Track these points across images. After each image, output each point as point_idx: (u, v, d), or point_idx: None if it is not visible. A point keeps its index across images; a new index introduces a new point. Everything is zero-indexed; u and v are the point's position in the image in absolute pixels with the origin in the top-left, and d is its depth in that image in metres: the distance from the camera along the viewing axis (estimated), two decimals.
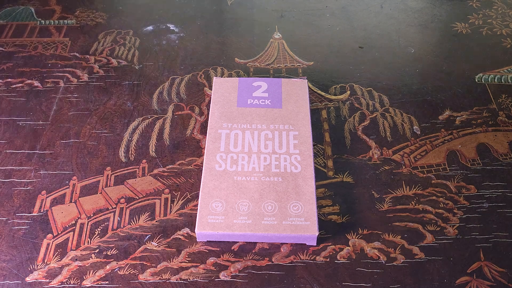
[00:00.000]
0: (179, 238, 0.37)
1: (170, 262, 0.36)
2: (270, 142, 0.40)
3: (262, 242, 0.37)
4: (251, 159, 0.39)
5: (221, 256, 0.36)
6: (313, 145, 0.44)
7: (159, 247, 0.37)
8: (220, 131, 0.41)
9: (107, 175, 0.42)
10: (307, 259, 0.36)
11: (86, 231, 0.38)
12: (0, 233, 0.38)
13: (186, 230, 0.38)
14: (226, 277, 0.35)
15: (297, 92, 0.44)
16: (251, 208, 0.36)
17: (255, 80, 0.46)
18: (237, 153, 0.39)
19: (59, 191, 0.41)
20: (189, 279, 0.35)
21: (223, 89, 0.45)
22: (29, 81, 0.51)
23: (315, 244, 0.37)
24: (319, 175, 0.41)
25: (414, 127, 0.46)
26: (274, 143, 0.40)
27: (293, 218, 0.35)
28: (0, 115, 0.47)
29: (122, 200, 0.40)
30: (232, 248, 0.37)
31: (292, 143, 0.40)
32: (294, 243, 0.37)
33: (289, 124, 0.42)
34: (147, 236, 0.37)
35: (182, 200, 0.40)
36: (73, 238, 0.38)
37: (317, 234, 0.35)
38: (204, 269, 0.35)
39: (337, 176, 0.42)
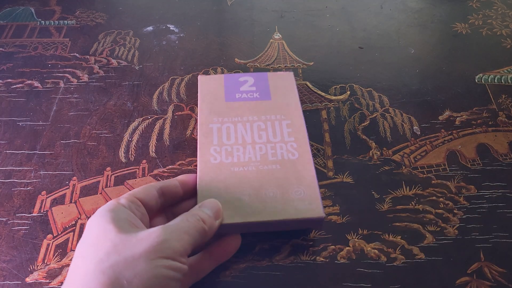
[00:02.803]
0: None
1: None
2: (263, 133, 0.39)
3: (262, 243, 0.37)
4: (246, 150, 0.38)
5: None
6: (313, 145, 0.44)
7: None
8: (211, 125, 0.39)
9: (107, 176, 0.42)
10: (307, 260, 0.36)
11: None
12: (0, 233, 0.38)
13: None
14: (226, 277, 0.35)
15: (284, 85, 0.43)
16: (252, 196, 0.34)
17: (240, 76, 0.44)
18: (231, 145, 0.38)
19: (59, 192, 0.41)
20: None
21: (209, 87, 0.43)
22: (29, 82, 0.51)
23: (321, 229, 0.37)
24: (319, 175, 0.41)
25: (414, 128, 0.46)
26: (267, 133, 0.39)
27: (297, 202, 0.34)
28: (0, 116, 0.47)
29: None
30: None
31: (286, 131, 0.39)
32: (300, 229, 0.37)
33: (280, 114, 0.40)
34: None
35: None
36: (73, 239, 0.38)
37: (323, 216, 0.33)
38: None
39: (337, 177, 0.42)
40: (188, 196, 0.35)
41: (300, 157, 0.37)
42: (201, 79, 0.44)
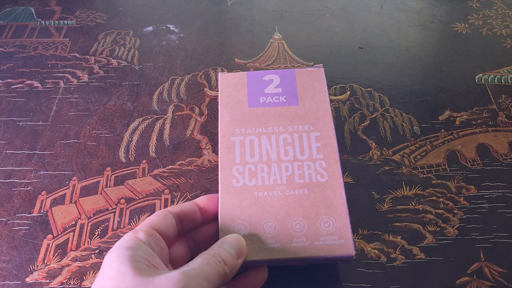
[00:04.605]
0: None
1: None
2: (290, 148, 0.35)
3: None
4: (271, 170, 0.34)
5: None
6: None
7: None
8: (233, 138, 0.36)
9: (107, 176, 0.42)
10: None
11: (86, 232, 0.38)
12: (0, 233, 0.38)
13: None
14: None
15: (313, 84, 0.39)
16: (278, 229, 0.31)
17: (265, 74, 0.40)
18: (255, 163, 0.34)
19: (59, 192, 0.41)
20: None
21: (230, 87, 0.39)
22: (29, 82, 0.51)
23: (350, 263, 0.36)
24: None
25: (414, 128, 0.46)
26: (294, 148, 0.35)
27: (325, 237, 0.31)
28: (0, 116, 0.47)
29: (122, 201, 0.40)
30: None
31: (314, 147, 0.35)
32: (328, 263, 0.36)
33: (308, 124, 0.36)
34: None
35: (182, 200, 0.40)
36: (73, 239, 0.38)
37: (353, 254, 0.30)
38: None
39: None
40: (208, 221, 0.33)
41: (329, 179, 0.34)
42: (222, 77, 0.40)
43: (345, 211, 0.32)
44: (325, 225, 0.32)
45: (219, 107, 0.38)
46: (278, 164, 0.34)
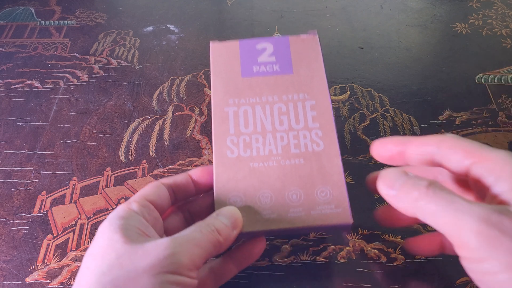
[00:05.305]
0: None
1: None
2: (285, 117, 0.34)
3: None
4: (266, 140, 0.33)
5: None
6: None
7: None
8: (226, 109, 0.35)
9: (107, 176, 0.42)
10: (307, 259, 0.36)
11: (86, 232, 0.38)
12: (0, 233, 0.38)
13: None
14: None
15: (308, 52, 0.38)
16: (274, 199, 0.31)
17: (258, 42, 0.39)
18: (250, 134, 0.33)
19: (59, 192, 0.41)
20: None
21: (223, 57, 0.38)
22: (29, 82, 0.51)
23: (348, 233, 0.36)
24: None
25: (414, 128, 0.46)
26: (289, 117, 0.34)
27: (322, 206, 0.31)
28: (0, 116, 0.47)
29: (122, 201, 0.40)
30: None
31: (310, 116, 0.34)
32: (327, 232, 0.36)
33: (303, 93, 0.35)
34: None
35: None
36: (73, 239, 0.38)
37: (351, 223, 0.30)
38: None
39: None
40: (202, 192, 0.33)
41: (325, 148, 0.33)
42: (214, 46, 0.38)
43: (341, 179, 0.32)
44: (322, 194, 0.31)
45: (211, 77, 0.37)
46: (273, 134, 0.34)
